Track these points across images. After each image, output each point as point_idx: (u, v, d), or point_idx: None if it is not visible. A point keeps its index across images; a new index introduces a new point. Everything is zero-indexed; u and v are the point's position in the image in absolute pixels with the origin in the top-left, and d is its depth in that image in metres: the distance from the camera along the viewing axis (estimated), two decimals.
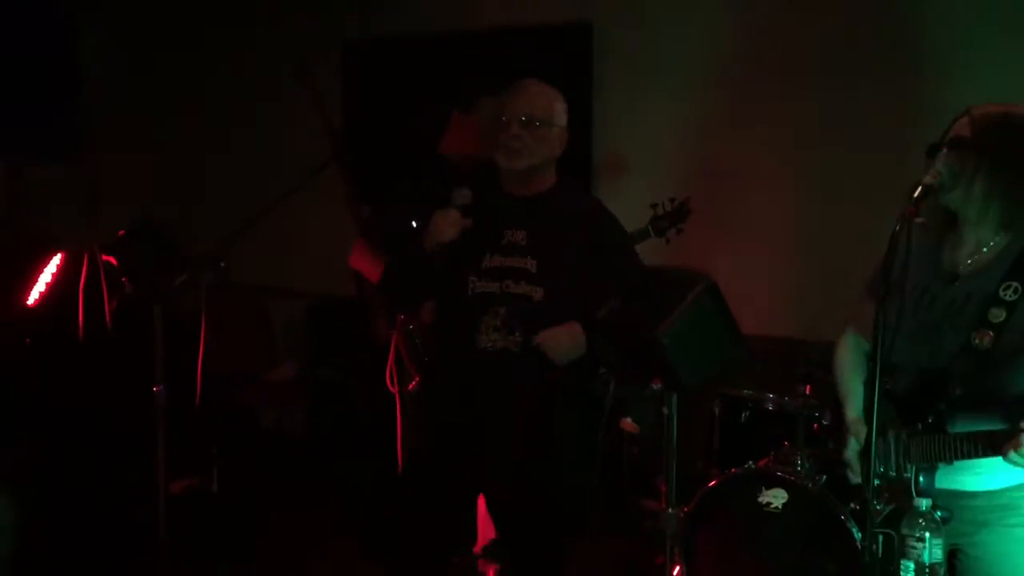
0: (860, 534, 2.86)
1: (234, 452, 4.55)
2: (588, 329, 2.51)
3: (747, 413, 3.58)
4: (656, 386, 1.84)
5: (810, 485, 2.99)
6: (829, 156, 4.14)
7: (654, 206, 3.51)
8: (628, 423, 3.95)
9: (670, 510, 1.93)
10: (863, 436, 2.07)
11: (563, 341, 2.52)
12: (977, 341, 1.94)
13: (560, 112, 2.68)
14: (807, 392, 3.37)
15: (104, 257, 3.59)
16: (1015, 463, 1.83)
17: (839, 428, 3.29)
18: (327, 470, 4.77)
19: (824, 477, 3.05)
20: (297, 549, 4.05)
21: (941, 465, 1.98)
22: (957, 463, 1.94)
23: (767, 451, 3.32)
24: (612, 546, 3.98)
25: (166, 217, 4.40)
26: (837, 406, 3.30)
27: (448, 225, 2.59)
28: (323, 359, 5.10)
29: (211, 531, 3.94)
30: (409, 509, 2.72)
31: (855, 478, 2.09)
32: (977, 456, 1.93)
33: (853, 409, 2.18)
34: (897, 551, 1.82)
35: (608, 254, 2.65)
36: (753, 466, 3.19)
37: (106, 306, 3.55)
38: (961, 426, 1.95)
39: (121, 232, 3.94)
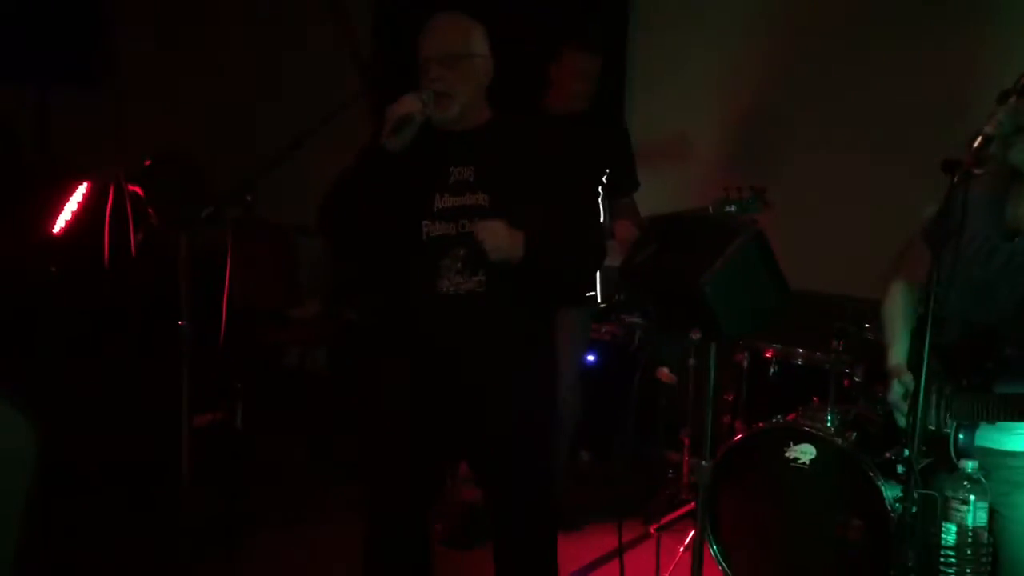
0: (889, 492, 2.84)
1: (257, 388, 4.55)
2: (532, 243, 2.39)
3: (775, 367, 3.54)
4: (695, 336, 1.77)
5: (840, 441, 2.96)
6: (874, 108, 4.03)
7: (726, 190, 3.38)
8: (665, 373, 3.89)
9: (704, 463, 1.88)
10: (906, 380, 2.02)
11: (499, 232, 2.38)
12: None
13: (479, 40, 2.52)
14: (839, 348, 3.32)
15: (130, 187, 3.55)
16: None
17: (871, 384, 3.27)
18: (349, 410, 4.77)
19: (855, 434, 3.01)
20: (318, 487, 4.06)
21: (983, 424, 1.93)
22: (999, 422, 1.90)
23: (794, 406, 3.28)
24: (635, 495, 3.97)
25: (192, 148, 4.34)
26: (869, 362, 3.28)
27: (409, 104, 2.39)
28: (346, 298, 5.08)
29: (234, 466, 3.96)
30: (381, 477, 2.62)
31: (902, 419, 2.04)
32: (1022, 419, 1.88)
33: (898, 355, 2.13)
34: (940, 513, 1.78)
35: (556, 179, 2.51)
36: (781, 420, 3.15)
37: (131, 237, 3.52)
38: (1008, 387, 1.89)
39: (148, 162, 3.89)
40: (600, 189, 3.64)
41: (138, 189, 3.71)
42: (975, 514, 1.73)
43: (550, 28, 3.85)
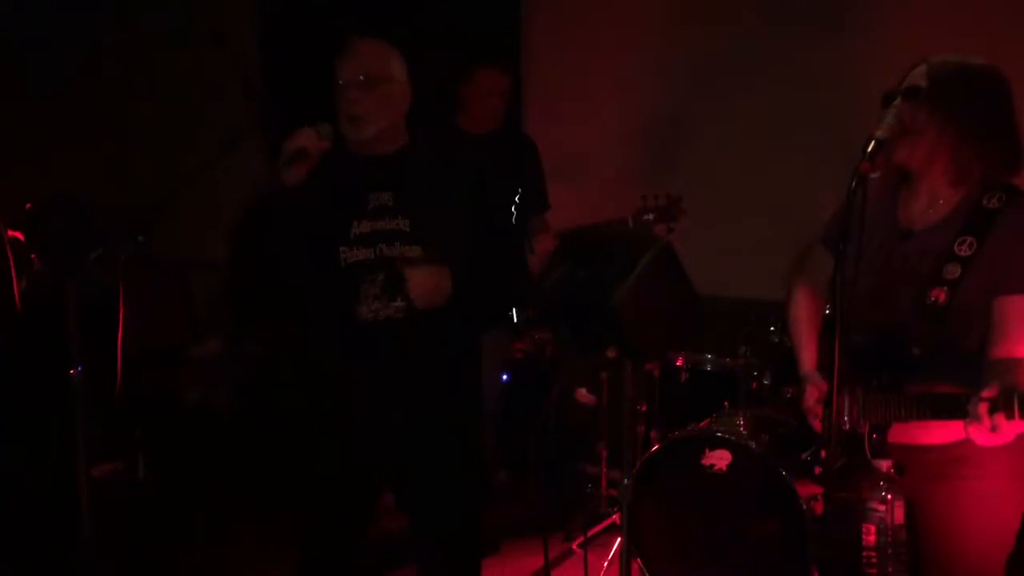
0: (805, 491, 2.88)
1: (158, 433, 4.39)
2: (458, 278, 2.40)
3: (686, 375, 3.57)
4: (612, 355, 1.77)
5: (754, 445, 2.99)
6: (771, 114, 4.11)
7: (644, 198, 3.40)
8: (584, 394, 3.87)
9: (626, 481, 1.87)
10: (819, 385, 2.05)
11: (424, 277, 2.37)
12: (932, 299, 1.92)
13: (398, 66, 2.52)
14: (747, 352, 3.37)
15: (10, 233, 3.38)
16: (978, 427, 1.82)
17: (779, 387, 3.32)
18: (255, 448, 4.64)
19: (767, 436, 3.05)
20: (229, 535, 3.92)
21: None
22: None
23: (706, 413, 3.31)
24: (554, 512, 3.95)
25: (78, 189, 4.16)
26: (776, 365, 3.33)
27: (303, 137, 2.36)
28: (248, 334, 4.95)
29: (138, 518, 3.79)
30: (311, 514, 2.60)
31: (817, 424, 2.07)
32: (935, 419, 1.92)
33: (808, 362, 2.16)
34: (859, 515, 1.80)
35: (479, 204, 2.53)
36: (696, 428, 3.18)
37: (14, 286, 3.34)
38: (917, 386, 1.93)
39: (28, 205, 3.71)
40: (513, 209, 3.65)
41: (19, 235, 3.53)
42: (893, 513, 1.75)
43: (451, 50, 3.87)
